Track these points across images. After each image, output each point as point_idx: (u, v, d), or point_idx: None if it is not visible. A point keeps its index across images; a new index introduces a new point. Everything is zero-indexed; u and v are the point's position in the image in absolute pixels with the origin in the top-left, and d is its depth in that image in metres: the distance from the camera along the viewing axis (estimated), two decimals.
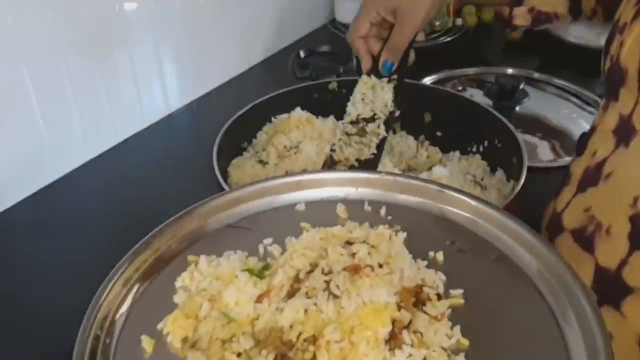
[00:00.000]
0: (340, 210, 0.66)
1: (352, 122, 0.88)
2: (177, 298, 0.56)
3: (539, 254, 0.59)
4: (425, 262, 0.60)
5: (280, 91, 1.00)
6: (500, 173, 0.94)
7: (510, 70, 1.34)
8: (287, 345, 0.48)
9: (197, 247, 0.61)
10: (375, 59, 0.89)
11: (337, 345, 0.48)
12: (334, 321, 0.50)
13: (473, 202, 0.65)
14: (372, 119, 0.87)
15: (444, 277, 0.58)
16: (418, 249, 0.61)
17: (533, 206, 0.89)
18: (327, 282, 0.53)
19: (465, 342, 0.53)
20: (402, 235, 0.63)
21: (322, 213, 0.65)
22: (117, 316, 0.54)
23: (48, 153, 0.97)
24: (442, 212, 0.66)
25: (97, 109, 1.04)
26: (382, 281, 0.54)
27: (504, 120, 0.92)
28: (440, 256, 0.61)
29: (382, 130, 0.86)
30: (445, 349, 0.51)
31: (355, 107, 0.88)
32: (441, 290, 0.57)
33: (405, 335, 0.50)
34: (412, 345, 0.49)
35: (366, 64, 0.90)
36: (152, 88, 1.15)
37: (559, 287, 0.56)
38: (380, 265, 0.56)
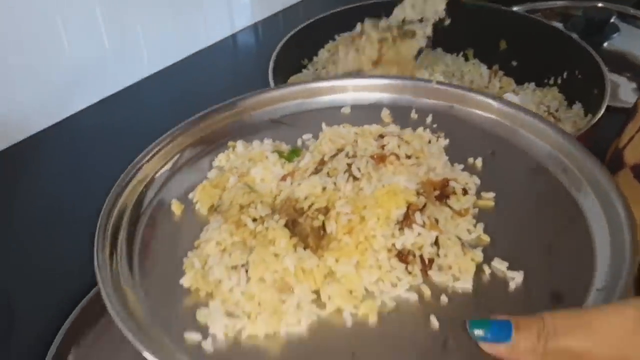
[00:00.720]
0: (385, 114, 0.66)
1: (397, 26, 0.85)
2: (211, 174, 0.58)
3: (582, 167, 0.56)
4: (462, 166, 0.58)
5: (344, 7, 0.98)
6: (577, 107, 0.89)
7: (600, 4, 1.24)
8: (298, 212, 0.49)
9: (238, 134, 0.63)
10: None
11: (346, 217, 0.48)
12: (349, 198, 0.50)
13: (524, 115, 0.63)
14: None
15: (478, 181, 0.57)
16: (457, 156, 0.59)
17: (606, 146, 0.84)
18: (349, 165, 0.53)
19: (486, 238, 0.51)
20: (444, 141, 0.62)
21: (366, 116, 0.65)
22: (153, 180, 0.58)
23: (111, 64, 0.97)
24: (489, 124, 0.64)
25: (161, 25, 1.03)
26: (405, 170, 0.53)
27: (589, 49, 0.87)
28: (479, 162, 0.59)
29: (428, 30, 0.82)
30: (460, 239, 0.50)
31: (404, 10, 0.85)
32: (472, 192, 0.56)
33: (418, 217, 0.49)
34: (423, 226, 0.48)
35: None
36: (217, 7, 1.13)
37: (598, 200, 0.53)
38: (409, 157, 0.55)
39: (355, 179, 0.52)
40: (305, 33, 0.94)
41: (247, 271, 0.46)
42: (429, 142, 0.61)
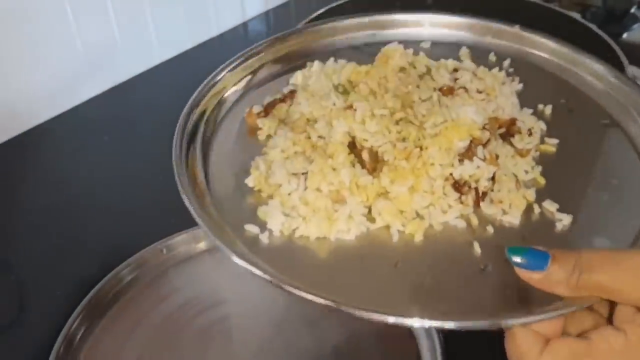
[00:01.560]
0: (464, 53, 0.66)
1: None
2: (286, 90, 0.61)
3: None
4: (531, 111, 0.59)
5: None
6: None
7: None
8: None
9: (316, 57, 0.65)
10: None
11: (403, 145, 0.50)
12: (414, 127, 0.52)
13: (606, 71, 0.62)
14: None
15: (544, 126, 0.57)
16: (529, 100, 0.60)
17: None
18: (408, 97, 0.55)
19: (542, 180, 0.52)
20: (518, 85, 0.62)
21: (445, 53, 0.66)
22: (231, 92, 0.61)
23: (120, 52, 0.95)
24: (567, 75, 0.64)
25: (171, 12, 1.01)
26: (474, 103, 0.54)
27: (609, 40, 0.83)
28: (548, 110, 0.60)
29: None
30: (516, 176, 0.51)
31: None
32: (536, 134, 0.56)
33: (480, 151, 0.50)
34: (483, 160, 0.50)
35: None
36: None
37: None
38: (480, 92, 0.56)
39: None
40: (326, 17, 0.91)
41: (305, 179, 0.49)
42: (503, 83, 0.61)
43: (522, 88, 0.62)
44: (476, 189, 0.50)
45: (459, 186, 0.49)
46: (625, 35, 1.09)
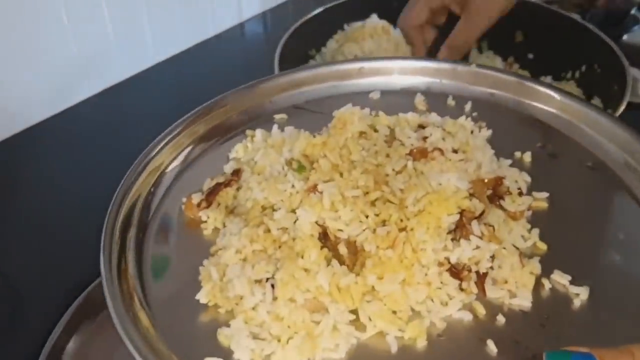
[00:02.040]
0: (419, 101, 0.59)
1: None
2: (227, 168, 0.51)
3: None
4: (510, 161, 0.52)
5: None
6: (596, 102, 0.82)
7: None
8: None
9: (256, 122, 0.56)
10: (429, 49, 0.78)
11: (384, 230, 0.42)
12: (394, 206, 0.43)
13: (575, 104, 0.56)
14: None
15: (528, 179, 0.50)
16: (503, 149, 0.53)
17: None
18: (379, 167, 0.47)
19: (543, 246, 0.45)
20: (487, 132, 0.55)
21: (398, 103, 0.58)
22: (164, 174, 0.51)
23: (115, 53, 0.93)
24: (536, 113, 0.58)
25: (167, 12, 0.99)
26: (453, 167, 0.47)
27: (609, 41, 0.80)
28: (527, 157, 0.53)
29: None
30: (517, 248, 0.44)
31: None
32: (523, 190, 0.49)
33: (475, 226, 0.42)
34: (481, 238, 0.42)
35: (420, 53, 0.78)
36: None
37: None
38: (455, 151, 0.49)
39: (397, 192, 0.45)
40: (313, 22, 0.87)
41: (272, 286, 0.40)
42: (471, 132, 0.54)
43: (492, 134, 0.55)
44: (477, 272, 0.41)
45: (457, 272, 0.41)
46: (625, 37, 1.05)
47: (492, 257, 0.43)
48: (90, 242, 0.65)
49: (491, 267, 0.43)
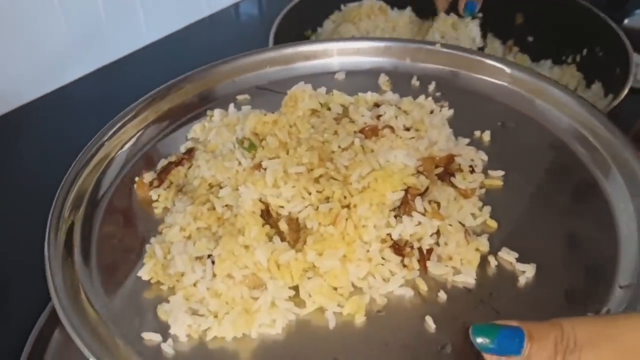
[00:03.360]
0: (383, 81, 0.59)
1: None
2: (183, 148, 0.51)
3: (608, 144, 0.49)
4: (467, 140, 0.51)
5: None
6: (597, 86, 0.81)
7: None
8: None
9: (218, 103, 0.56)
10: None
11: (327, 206, 0.41)
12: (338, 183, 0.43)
13: (536, 82, 0.56)
14: None
15: (485, 157, 0.50)
16: (463, 128, 0.53)
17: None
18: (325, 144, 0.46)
19: (494, 224, 0.45)
20: (448, 112, 0.55)
21: (362, 83, 0.58)
22: (115, 158, 0.51)
23: (107, 32, 0.93)
24: (498, 92, 0.57)
25: None
26: (404, 144, 0.47)
27: (613, 24, 0.79)
28: (486, 136, 0.53)
29: None
30: (463, 225, 0.43)
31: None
32: (478, 169, 0.49)
33: (419, 203, 0.42)
34: (424, 214, 0.42)
35: (443, 3, 0.79)
36: None
37: (626, 183, 0.46)
38: (407, 129, 0.48)
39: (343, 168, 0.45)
40: (310, 2, 0.87)
41: (213, 262, 0.40)
42: (432, 112, 0.54)
43: (454, 114, 0.54)
44: (420, 249, 0.41)
45: (399, 248, 0.41)
46: (626, 21, 1.03)
47: (438, 234, 0.42)
48: None
49: (436, 244, 0.42)
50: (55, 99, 0.88)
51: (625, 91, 0.70)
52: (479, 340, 0.33)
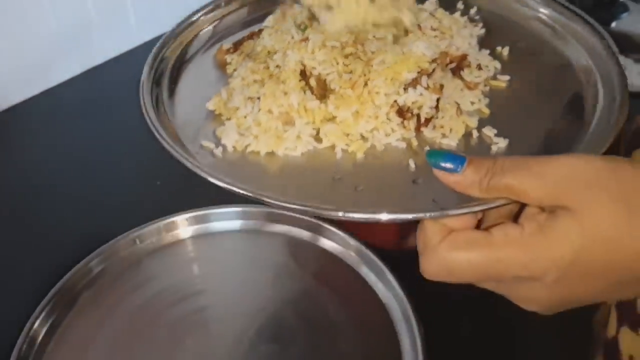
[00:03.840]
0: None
1: None
2: (256, 29, 0.65)
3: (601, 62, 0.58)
4: (488, 51, 0.62)
5: None
6: None
7: None
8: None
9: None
10: None
11: (348, 75, 0.53)
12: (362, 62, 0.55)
13: (567, 21, 0.65)
14: None
15: (498, 65, 0.60)
16: (489, 44, 0.63)
17: None
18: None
19: (486, 110, 0.55)
20: (480, 30, 0.65)
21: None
22: (203, 32, 0.66)
23: (96, 33, 0.90)
24: (533, 21, 0.66)
25: None
26: (427, 38, 0.57)
27: (599, 27, 0.82)
28: (505, 51, 0.62)
29: None
30: (457, 104, 0.54)
31: None
32: (490, 72, 0.59)
33: (424, 80, 0.53)
34: (426, 88, 0.53)
35: None
36: None
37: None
38: (434, 29, 0.59)
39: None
40: None
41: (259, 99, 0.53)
42: (464, 27, 0.64)
43: (484, 33, 0.64)
44: (418, 115, 0.53)
45: (402, 112, 0.53)
46: (613, 24, 1.07)
47: (437, 109, 0.54)
48: (67, 228, 0.67)
49: (435, 117, 0.54)
50: (43, 102, 0.86)
51: None
52: (431, 159, 0.42)
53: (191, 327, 0.54)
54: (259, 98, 0.54)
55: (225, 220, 0.62)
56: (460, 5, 0.69)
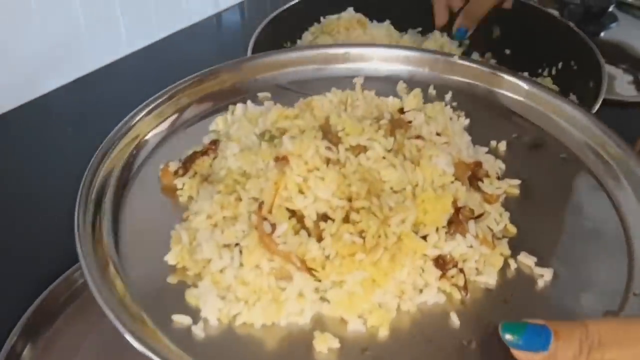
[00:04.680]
0: (401, 88, 0.60)
1: None
2: (206, 139, 0.52)
3: (614, 156, 0.51)
4: (486, 149, 0.53)
5: None
6: (572, 99, 0.83)
7: None
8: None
9: (240, 99, 0.57)
10: (452, 17, 0.81)
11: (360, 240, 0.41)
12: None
13: (553, 99, 0.57)
14: None
15: (503, 166, 0.51)
16: (480, 137, 0.54)
17: None
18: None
19: (513, 229, 0.46)
20: (465, 120, 0.56)
21: (380, 89, 0.59)
22: (146, 141, 0.52)
23: (86, 42, 0.90)
24: (514, 105, 0.59)
25: (142, 1, 0.96)
26: (440, 150, 0.47)
27: (586, 38, 0.82)
28: (502, 146, 0.54)
29: None
30: (491, 230, 0.44)
31: None
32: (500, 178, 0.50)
33: (472, 227, 0.43)
34: (476, 238, 0.42)
35: (441, 19, 0.82)
36: None
37: (635, 194, 0.48)
38: (438, 134, 0.49)
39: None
40: (290, 14, 0.87)
41: (240, 252, 0.40)
42: (450, 119, 0.55)
43: (470, 123, 0.56)
44: (462, 270, 0.41)
45: (443, 264, 0.41)
46: (602, 34, 1.06)
47: None
48: (52, 239, 0.62)
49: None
50: (32, 111, 0.85)
51: (598, 104, 0.73)
52: (508, 336, 0.34)
53: None
54: (237, 244, 0.41)
55: None
56: (432, 90, 0.60)
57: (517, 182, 0.50)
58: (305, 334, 0.38)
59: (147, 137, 0.52)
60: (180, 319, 0.38)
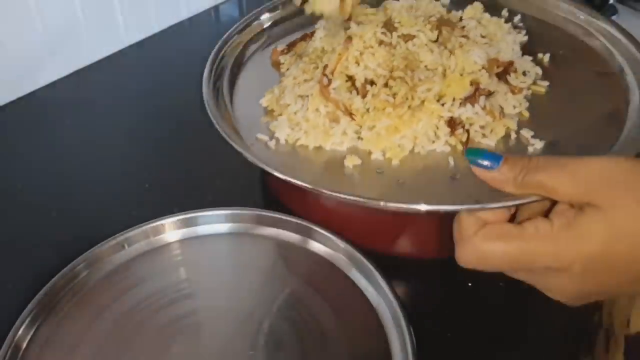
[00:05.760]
0: (477, 7, 0.70)
1: None
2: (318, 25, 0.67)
3: None
4: (530, 58, 0.64)
5: None
6: None
7: None
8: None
9: None
10: None
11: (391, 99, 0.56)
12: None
13: (603, 24, 0.67)
14: None
15: (539, 71, 0.62)
16: (531, 51, 0.65)
17: None
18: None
19: (526, 114, 0.58)
20: (523, 37, 0.67)
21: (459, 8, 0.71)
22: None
23: (84, 34, 0.88)
24: (576, 30, 0.69)
25: None
26: (478, 46, 0.59)
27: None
28: (546, 58, 0.65)
29: None
30: (501, 107, 0.57)
31: None
32: (531, 76, 0.62)
33: (482, 100, 0.55)
34: (483, 109, 0.55)
35: None
36: None
37: None
38: (483, 36, 0.62)
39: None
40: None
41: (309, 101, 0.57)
42: (509, 33, 0.66)
43: (527, 40, 0.67)
44: (468, 131, 0.54)
45: (453, 124, 0.55)
46: None
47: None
48: (52, 232, 0.64)
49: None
50: (29, 104, 0.83)
51: None
52: (470, 156, 0.45)
53: (179, 333, 0.52)
54: (308, 96, 0.58)
55: (214, 223, 0.59)
56: (504, 13, 0.71)
57: (546, 83, 0.61)
58: (342, 156, 0.54)
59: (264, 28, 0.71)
60: (261, 136, 0.57)
